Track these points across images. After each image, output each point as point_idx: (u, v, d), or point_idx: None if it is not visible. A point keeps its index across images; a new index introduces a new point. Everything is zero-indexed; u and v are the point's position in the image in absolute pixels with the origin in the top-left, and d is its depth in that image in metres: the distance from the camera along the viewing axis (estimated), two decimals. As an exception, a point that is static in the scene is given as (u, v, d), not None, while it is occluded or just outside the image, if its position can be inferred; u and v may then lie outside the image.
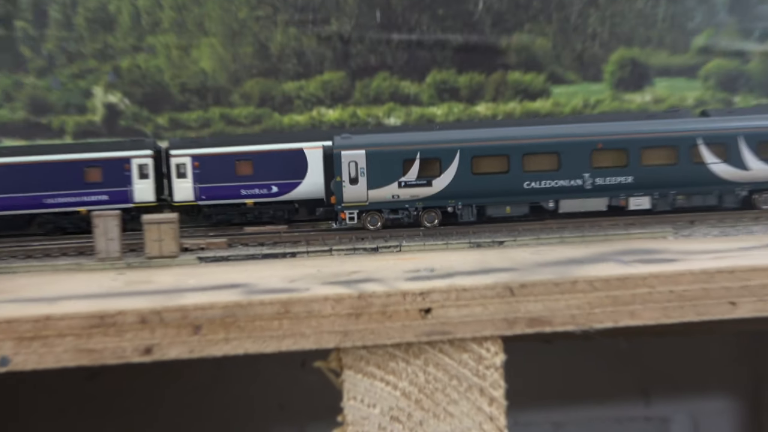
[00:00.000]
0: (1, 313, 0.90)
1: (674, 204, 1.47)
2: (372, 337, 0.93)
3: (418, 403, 0.96)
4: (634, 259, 1.08)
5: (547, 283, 0.94)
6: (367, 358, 0.96)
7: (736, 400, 1.94)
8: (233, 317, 0.92)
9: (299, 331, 0.92)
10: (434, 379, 0.96)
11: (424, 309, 0.92)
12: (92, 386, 1.46)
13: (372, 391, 0.96)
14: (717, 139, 1.45)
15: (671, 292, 0.93)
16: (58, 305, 0.97)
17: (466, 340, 0.95)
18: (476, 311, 0.93)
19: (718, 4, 1.91)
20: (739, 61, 1.90)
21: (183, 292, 1.03)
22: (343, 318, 0.93)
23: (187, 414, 1.87)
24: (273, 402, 1.86)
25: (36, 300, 1.05)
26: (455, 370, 0.96)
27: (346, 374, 0.95)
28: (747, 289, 0.95)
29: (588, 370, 1.82)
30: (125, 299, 0.99)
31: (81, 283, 1.21)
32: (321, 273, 1.12)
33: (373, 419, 0.95)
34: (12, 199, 1.66)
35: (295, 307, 0.91)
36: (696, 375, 1.87)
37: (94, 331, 0.90)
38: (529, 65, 1.89)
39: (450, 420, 0.96)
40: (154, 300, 0.96)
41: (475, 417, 0.96)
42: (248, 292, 0.98)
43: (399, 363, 0.96)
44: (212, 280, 1.14)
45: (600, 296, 0.94)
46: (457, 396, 0.96)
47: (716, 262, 0.99)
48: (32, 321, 0.88)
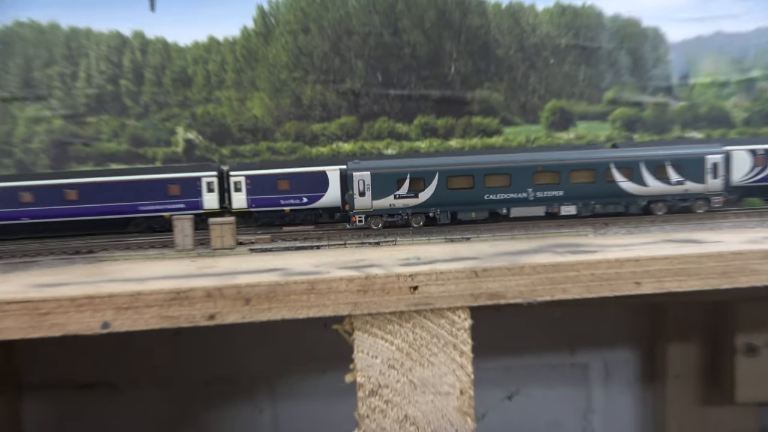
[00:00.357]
0: (104, 290, 0.94)
1: (593, 210, 1.53)
2: (375, 307, 0.95)
3: (408, 355, 0.98)
4: (564, 250, 1.11)
5: (502, 268, 0.97)
6: (371, 322, 0.98)
7: (636, 351, 1.97)
8: (274, 292, 0.94)
9: (322, 302, 0.95)
10: (420, 338, 0.98)
11: (413, 287, 0.95)
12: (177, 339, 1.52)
13: (375, 347, 0.98)
14: (624, 163, 1.49)
15: (592, 275, 0.95)
16: (147, 284, 1.00)
17: (443, 309, 0.97)
18: (450, 288, 0.96)
19: (622, 69, 1.90)
20: (637, 109, 1.91)
21: (237, 274, 1.06)
22: (353, 293, 0.96)
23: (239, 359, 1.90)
24: (304, 354, 1.86)
25: (130, 280, 1.07)
26: (435, 331, 0.98)
27: (356, 334, 0.98)
28: (648, 272, 0.97)
29: (530, 331, 1.87)
30: (196, 279, 1.02)
31: (163, 267, 1.23)
32: (338, 260, 1.15)
33: (376, 366, 0.98)
34: (115, 207, 1.72)
35: (319, 285, 0.95)
36: (609, 334, 1.94)
37: (172, 303, 0.93)
38: (487, 112, 1.91)
39: (431, 367, 0.98)
40: (217, 280, 1.00)
41: (450, 365, 0.98)
42: (285, 274, 1.01)
43: (394, 326, 0.98)
44: (259, 266, 1.16)
45: (540, 277, 0.97)
46: (436, 350, 0.98)
47: (625, 252, 1.02)
48: (127, 295, 0.93)
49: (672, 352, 1.84)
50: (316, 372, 1.86)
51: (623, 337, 1.93)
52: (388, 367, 0.97)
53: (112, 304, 0.91)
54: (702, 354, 1.82)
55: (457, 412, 0.96)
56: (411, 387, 0.96)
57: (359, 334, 0.97)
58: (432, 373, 0.97)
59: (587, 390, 1.93)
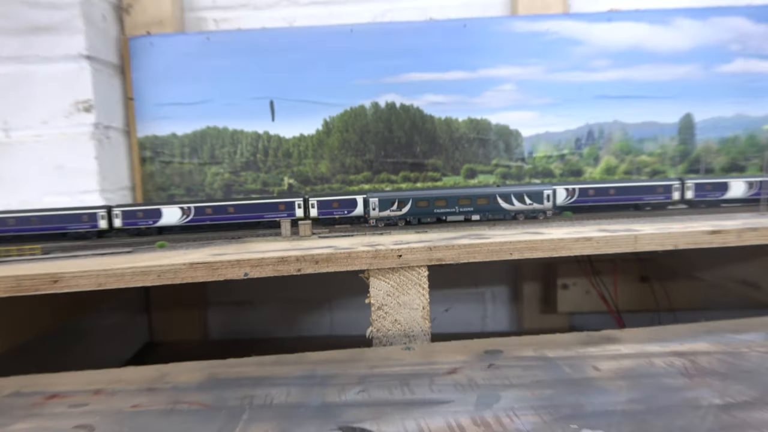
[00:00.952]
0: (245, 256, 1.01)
1: (488, 217, 1.54)
2: (380, 265, 1.03)
3: (396, 289, 1.04)
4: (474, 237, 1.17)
5: (443, 246, 1.05)
6: (378, 273, 1.03)
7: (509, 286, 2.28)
8: (330, 257, 1.02)
9: (353, 263, 1.02)
10: (402, 281, 1.04)
11: (399, 255, 1.03)
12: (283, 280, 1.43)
13: (379, 285, 1.03)
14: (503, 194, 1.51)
15: (488, 249, 1.05)
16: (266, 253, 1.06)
17: (414, 266, 1.04)
18: (417, 256, 1.03)
19: (500, 149, 2.05)
20: (507, 168, 2.07)
21: (312, 248, 1.10)
22: (369, 258, 1.03)
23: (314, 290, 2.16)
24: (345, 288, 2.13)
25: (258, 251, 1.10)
26: (409, 277, 1.04)
27: (371, 279, 1.04)
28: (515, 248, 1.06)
29: (456, 277, 2.19)
30: (291, 251, 1.07)
31: (275, 245, 1.24)
32: (362, 242, 1.20)
33: (380, 295, 1.03)
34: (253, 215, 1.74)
35: (352, 254, 1.02)
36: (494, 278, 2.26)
37: (279, 263, 1.01)
38: (435, 170, 2.07)
39: (408, 295, 1.03)
40: (301, 251, 1.06)
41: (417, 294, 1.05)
42: (335, 249, 1.07)
43: (390, 274, 1.04)
44: (322, 244, 1.19)
45: (462, 251, 1.06)
46: (410, 286, 1.04)
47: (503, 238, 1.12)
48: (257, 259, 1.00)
49: (526, 287, 2.20)
50: (352, 296, 2.16)
51: (502, 279, 2.25)
52: (386, 295, 1.03)
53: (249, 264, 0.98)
54: (540, 288, 2.19)
55: (421, 318, 1.03)
56: (398, 305, 1.03)
57: (372, 279, 1.03)
58: (408, 299, 1.03)
59: (484, 306, 2.25)
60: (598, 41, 1.91)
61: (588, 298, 2.03)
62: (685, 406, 0.70)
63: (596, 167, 2.01)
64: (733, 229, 1.13)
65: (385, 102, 1.98)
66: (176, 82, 1.93)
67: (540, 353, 0.94)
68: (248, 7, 2.01)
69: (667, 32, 1.90)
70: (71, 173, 1.72)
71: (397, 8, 2.01)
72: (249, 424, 0.71)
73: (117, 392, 0.84)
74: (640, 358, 0.90)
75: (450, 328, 2.16)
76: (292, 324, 2.20)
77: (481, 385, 0.81)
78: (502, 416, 0.70)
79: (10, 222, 1.62)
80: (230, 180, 2.04)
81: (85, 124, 1.71)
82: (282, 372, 0.90)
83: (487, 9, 2.00)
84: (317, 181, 2.06)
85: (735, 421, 0.65)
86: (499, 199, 1.49)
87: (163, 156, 1.98)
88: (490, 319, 2.23)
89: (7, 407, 0.80)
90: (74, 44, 1.65)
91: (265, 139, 2.03)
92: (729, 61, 1.92)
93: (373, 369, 0.88)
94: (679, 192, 1.74)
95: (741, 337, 0.98)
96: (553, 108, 1.98)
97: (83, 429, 0.71)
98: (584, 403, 0.72)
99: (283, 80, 1.96)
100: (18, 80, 1.65)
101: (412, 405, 0.74)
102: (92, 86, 1.69)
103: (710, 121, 1.95)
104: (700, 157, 1.96)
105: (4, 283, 0.96)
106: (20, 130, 1.70)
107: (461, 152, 2.06)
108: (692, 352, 0.91)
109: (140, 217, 1.68)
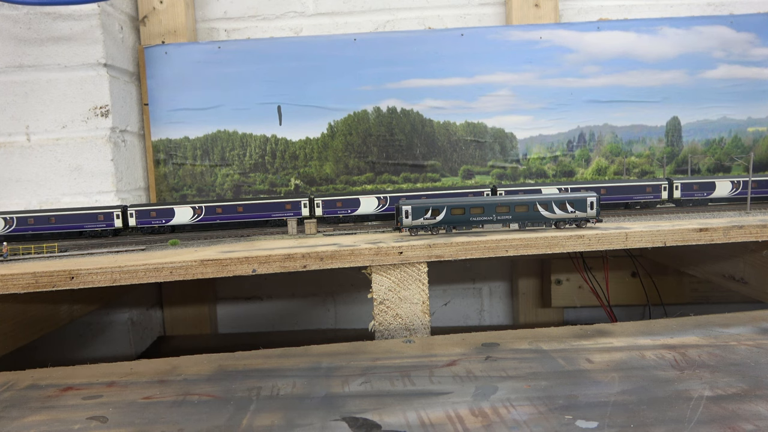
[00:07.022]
0: (253, 254, 1.00)
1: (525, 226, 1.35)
2: (381, 261, 1.02)
3: (397, 285, 1.03)
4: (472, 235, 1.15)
5: (441, 244, 1.05)
6: (379, 269, 1.03)
7: (505, 282, 2.25)
8: (334, 254, 1.01)
9: (356, 260, 1.02)
10: (403, 276, 1.04)
11: (399, 252, 1.03)
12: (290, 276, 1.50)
13: (381, 281, 1.03)
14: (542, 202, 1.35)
15: (486, 246, 1.05)
16: (273, 250, 1.05)
17: (414, 263, 1.03)
18: (417, 253, 1.03)
19: (496, 151, 2.04)
20: (503, 170, 2.05)
21: (317, 246, 1.10)
22: (372, 255, 1.02)
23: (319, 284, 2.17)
24: (349, 283, 2.16)
25: (265, 249, 1.10)
26: (410, 273, 1.04)
27: (373, 275, 1.04)
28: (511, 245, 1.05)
29: (455, 273, 2.19)
30: (297, 248, 1.07)
31: (281, 243, 1.23)
32: (364, 239, 1.19)
33: (382, 290, 1.03)
34: (261, 215, 1.67)
35: (355, 251, 1.02)
36: (491, 273, 2.23)
37: (285, 259, 1.00)
38: (433, 171, 2.06)
39: (408, 290, 1.03)
40: (307, 249, 1.05)
41: (417, 289, 1.04)
42: (339, 246, 1.07)
43: (391, 270, 1.03)
44: (327, 242, 1.18)
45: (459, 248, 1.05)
46: (410, 282, 1.04)
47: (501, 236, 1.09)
48: (264, 256, 0.99)
49: (521, 282, 2.17)
50: (355, 291, 2.18)
51: (498, 275, 2.23)
52: (388, 290, 1.02)
53: (257, 260, 0.98)
54: (535, 283, 2.17)
55: (421, 312, 1.03)
56: (399, 299, 1.02)
57: (374, 275, 1.03)
58: (409, 294, 1.02)
59: (481, 300, 2.23)
60: (589, 49, 1.93)
61: (581, 293, 2.02)
62: (676, 398, 0.69)
63: (587, 168, 2.01)
64: (719, 226, 1.12)
65: (386, 107, 1.99)
66: (189, 89, 1.94)
67: (535, 346, 0.94)
68: (257, 18, 2.03)
69: (653, 40, 1.92)
70: (88, 175, 1.73)
71: (398, 19, 2.04)
72: (256, 415, 0.70)
73: (129, 384, 0.84)
74: (631, 351, 0.89)
75: (449, 322, 2.16)
76: (298, 318, 2.19)
77: (478, 376, 0.80)
78: (499, 407, 0.69)
79: (29, 221, 1.62)
80: (240, 181, 2.03)
81: (103, 128, 1.72)
82: (288, 364, 0.89)
83: (483, 19, 2.03)
84: (322, 182, 2.05)
85: (725, 412, 0.64)
86: (539, 207, 1.37)
87: (176, 158, 1.98)
88: (487, 313, 2.22)
89: (24, 399, 0.80)
90: (93, 53, 1.67)
91: (273, 142, 2.03)
92: (713, 67, 1.93)
93: (376, 361, 0.88)
94: (667, 191, 1.73)
95: (729, 331, 0.97)
96: (546, 112, 1.98)
97: (97, 420, 0.71)
98: (578, 395, 0.72)
99: (289, 87, 1.96)
100: (39, 87, 1.67)
101: (413, 396, 0.73)
102: (109, 92, 1.71)
103: (696, 124, 1.96)
104: (687, 158, 1.96)
105: (23, 279, 0.96)
106: (41, 134, 1.71)
107: (459, 154, 2.05)
108: (682, 345, 0.90)
109: (154, 217, 1.67)
